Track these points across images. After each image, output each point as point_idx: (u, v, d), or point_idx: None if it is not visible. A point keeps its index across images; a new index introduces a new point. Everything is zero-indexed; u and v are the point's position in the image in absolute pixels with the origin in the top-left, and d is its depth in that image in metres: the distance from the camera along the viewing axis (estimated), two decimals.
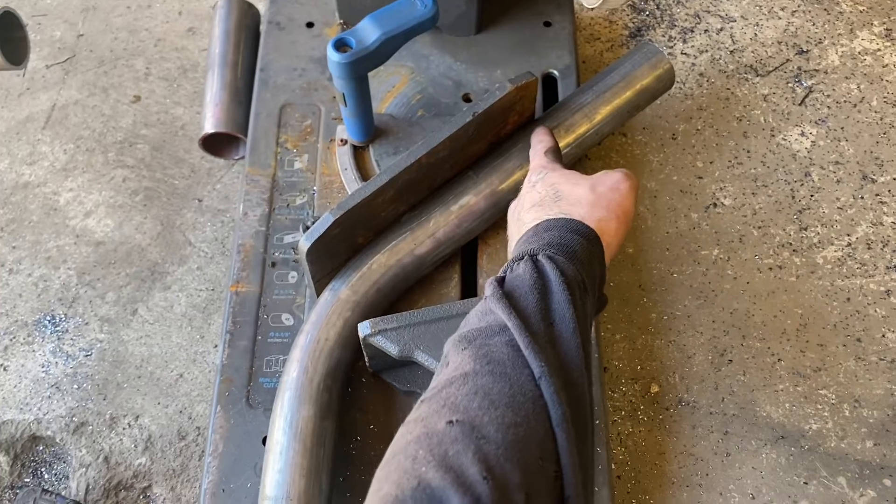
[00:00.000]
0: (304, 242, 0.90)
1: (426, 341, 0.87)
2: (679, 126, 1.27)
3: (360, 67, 0.96)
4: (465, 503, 0.46)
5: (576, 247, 0.69)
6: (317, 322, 0.93)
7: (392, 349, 0.86)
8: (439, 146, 0.95)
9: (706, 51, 1.34)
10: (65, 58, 1.35)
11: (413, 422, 0.55)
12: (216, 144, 1.22)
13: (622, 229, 0.75)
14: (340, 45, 0.95)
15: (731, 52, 1.34)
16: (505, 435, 0.52)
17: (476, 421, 0.52)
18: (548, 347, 0.59)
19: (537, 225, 0.73)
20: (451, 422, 0.52)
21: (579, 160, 1.10)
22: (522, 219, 0.78)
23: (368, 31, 0.95)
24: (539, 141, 0.93)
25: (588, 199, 0.75)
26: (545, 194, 0.78)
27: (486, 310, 0.63)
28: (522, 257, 0.67)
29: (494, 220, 1.02)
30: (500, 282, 0.66)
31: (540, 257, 0.67)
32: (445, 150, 0.97)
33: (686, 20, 1.38)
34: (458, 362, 0.59)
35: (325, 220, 0.90)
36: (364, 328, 0.86)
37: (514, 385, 0.56)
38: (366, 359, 0.92)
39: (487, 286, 0.66)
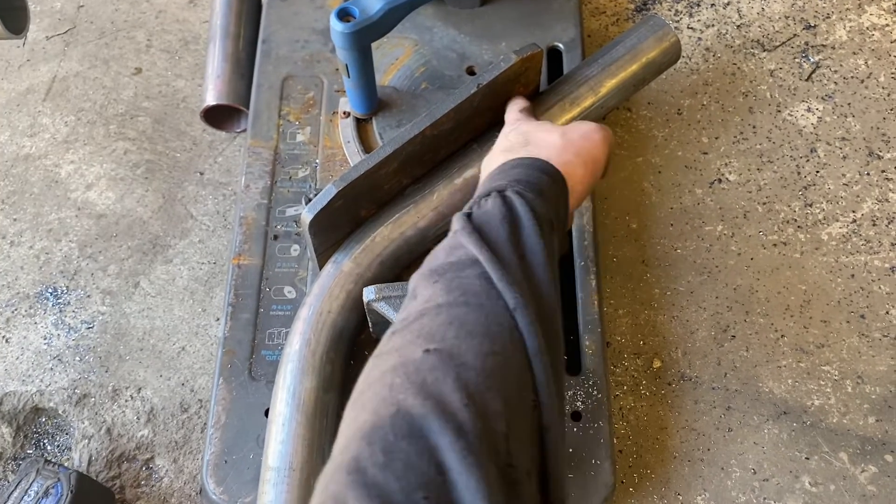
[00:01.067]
0: (307, 214, 0.89)
1: None
2: (684, 101, 1.26)
3: (364, 38, 0.95)
4: (447, 429, 0.45)
5: (542, 185, 0.69)
6: (319, 294, 0.93)
7: (394, 316, 0.86)
8: (443, 118, 0.94)
9: (712, 25, 1.33)
10: (65, 29, 1.34)
11: (386, 353, 0.54)
12: (218, 117, 1.21)
13: (589, 177, 0.76)
14: (344, 15, 0.94)
15: (738, 26, 1.33)
16: (484, 363, 0.51)
17: (454, 349, 0.51)
18: (521, 279, 0.59)
19: (504, 163, 0.74)
20: (427, 350, 0.51)
21: None
22: (491, 162, 0.79)
23: (372, 1, 0.94)
24: (514, 102, 0.95)
25: (557, 143, 0.76)
26: (515, 141, 0.79)
27: (456, 244, 0.63)
28: (490, 193, 0.67)
29: None
30: (468, 217, 0.65)
31: (508, 192, 0.67)
32: (450, 122, 0.96)
33: None
34: (429, 295, 0.58)
35: (328, 192, 0.90)
36: (369, 293, 0.85)
37: (490, 315, 0.55)
38: (369, 324, 0.91)
39: (455, 220, 0.66)
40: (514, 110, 0.91)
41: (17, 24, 1.00)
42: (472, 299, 0.56)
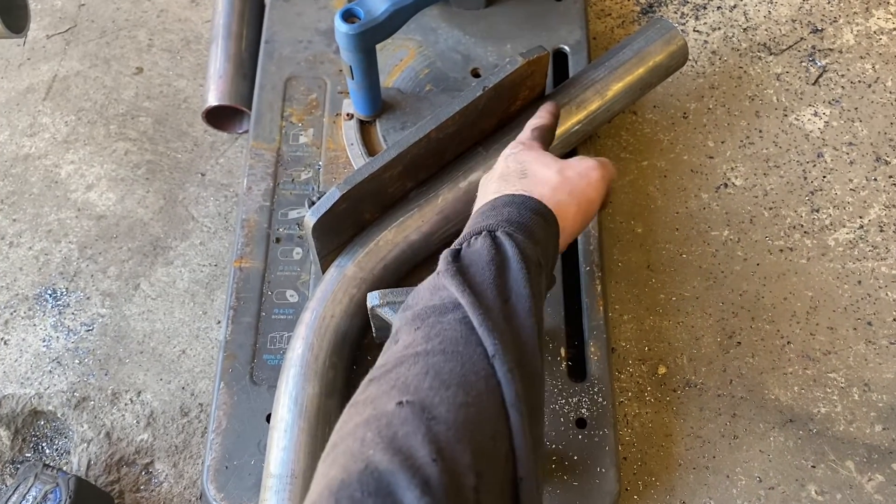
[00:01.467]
0: (310, 217, 0.88)
1: None
2: (690, 105, 1.25)
3: (368, 39, 0.94)
4: (413, 485, 0.45)
5: (533, 225, 0.68)
6: (322, 299, 0.91)
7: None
8: (449, 121, 0.93)
9: (719, 28, 1.32)
10: (66, 28, 1.32)
11: (361, 403, 0.54)
12: (220, 118, 1.20)
13: (581, 216, 0.74)
14: (348, 16, 0.93)
15: (745, 29, 1.32)
16: (456, 415, 0.50)
17: (427, 401, 0.51)
18: (502, 324, 0.58)
19: (496, 199, 0.73)
20: (401, 402, 0.51)
21: (590, 137, 1.08)
22: (487, 189, 0.77)
23: (377, 2, 0.93)
24: (537, 116, 0.91)
25: (553, 181, 0.74)
26: (513, 169, 0.77)
27: (439, 285, 0.62)
28: (481, 232, 0.66)
29: None
30: (456, 255, 0.65)
31: (499, 233, 0.66)
32: (455, 125, 0.95)
33: None
34: (410, 341, 0.58)
35: (332, 195, 0.88)
36: (373, 298, 0.84)
37: (467, 364, 0.55)
38: (373, 330, 0.90)
39: (441, 260, 0.65)
40: (528, 128, 0.87)
41: (17, 22, 0.99)
42: (449, 347, 0.56)
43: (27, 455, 1.05)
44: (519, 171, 0.76)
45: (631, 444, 1.02)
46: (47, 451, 1.05)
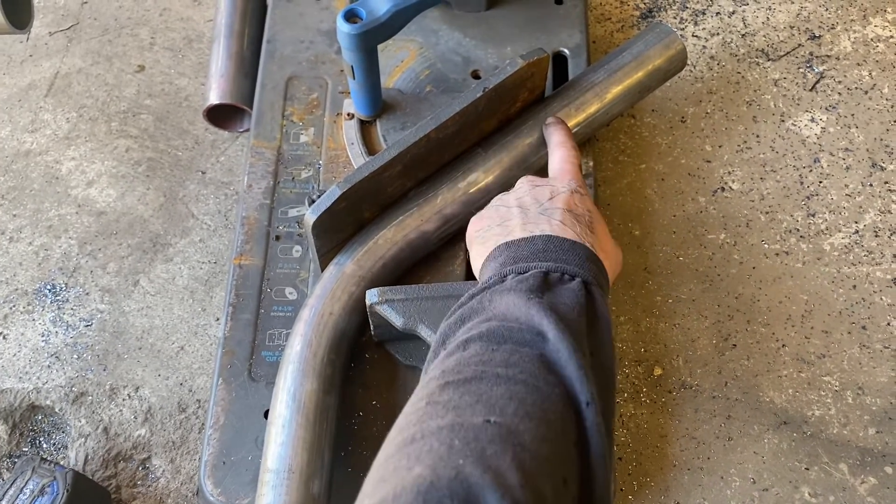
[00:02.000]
0: (310, 216, 0.89)
1: (431, 317, 0.86)
2: (688, 109, 1.26)
3: (370, 39, 0.95)
4: None
5: (606, 288, 0.69)
6: (321, 296, 0.92)
7: (397, 320, 0.85)
8: (449, 121, 0.94)
9: (717, 34, 1.33)
10: (68, 25, 1.33)
11: (441, 405, 0.54)
12: (221, 116, 1.20)
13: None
14: (350, 16, 0.93)
15: (743, 35, 1.33)
16: (539, 447, 0.51)
17: (513, 427, 0.51)
18: (592, 376, 0.59)
19: (576, 243, 0.69)
20: (488, 420, 0.51)
21: (588, 140, 1.09)
22: (552, 205, 0.74)
23: (379, 2, 0.94)
24: (567, 150, 0.89)
25: (612, 254, 0.74)
26: (581, 214, 0.74)
27: (521, 309, 0.61)
28: (574, 277, 0.65)
29: None
30: (541, 285, 0.63)
31: (593, 288, 0.65)
32: (455, 125, 0.95)
33: (698, 2, 1.36)
34: (487, 359, 0.58)
35: (332, 194, 0.89)
36: (372, 296, 0.85)
37: (546, 401, 0.55)
38: (371, 327, 0.91)
39: (518, 280, 0.64)
40: (576, 169, 0.84)
41: (20, 18, 1.00)
42: (530, 379, 0.56)
43: (24, 450, 1.05)
44: (588, 221, 0.73)
45: (626, 444, 1.03)
46: (44, 445, 1.05)
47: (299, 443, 0.83)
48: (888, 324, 1.09)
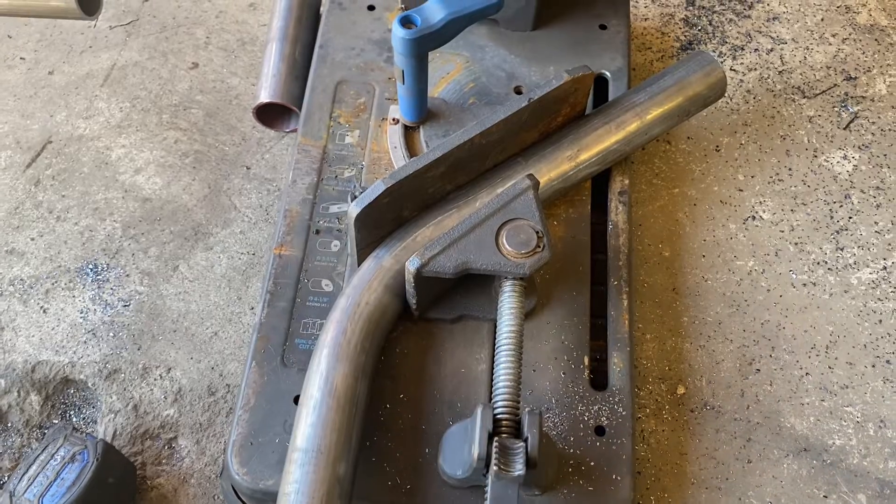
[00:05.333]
0: (354, 208, 0.92)
1: (473, 249, 0.91)
2: (723, 139, 1.28)
3: (423, 45, 0.99)
4: None
5: None
6: (358, 286, 0.95)
7: (448, 268, 0.90)
8: (493, 127, 0.97)
9: (755, 69, 1.36)
10: (128, 20, 1.38)
11: None
12: (269, 115, 1.24)
13: None
14: (406, 22, 0.97)
15: (780, 72, 1.36)
16: None
17: None
18: None
19: None
20: None
21: (625, 159, 1.11)
22: None
23: (434, 11, 0.98)
24: None
25: None
26: None
27: None
28: None
29: None
30: None
31: None
32: (498, 132, 0.99)
33: (737, 38, 1.40)
34: None
35: (377, 188, 0.92)
36: (413, 262, 0.89)
37: None
38: (412, 302, 0.94)
39: None
40: None
41: (91, 6, 1.05)
42: None
43: (54, 421, 1.08)
44: None
45: (646, 459, 1.03)
46: (74, 419, 1.08)
47: (329, 424, 0.85)
48: None
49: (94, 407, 1.08)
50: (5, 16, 1.05)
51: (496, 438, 0.79)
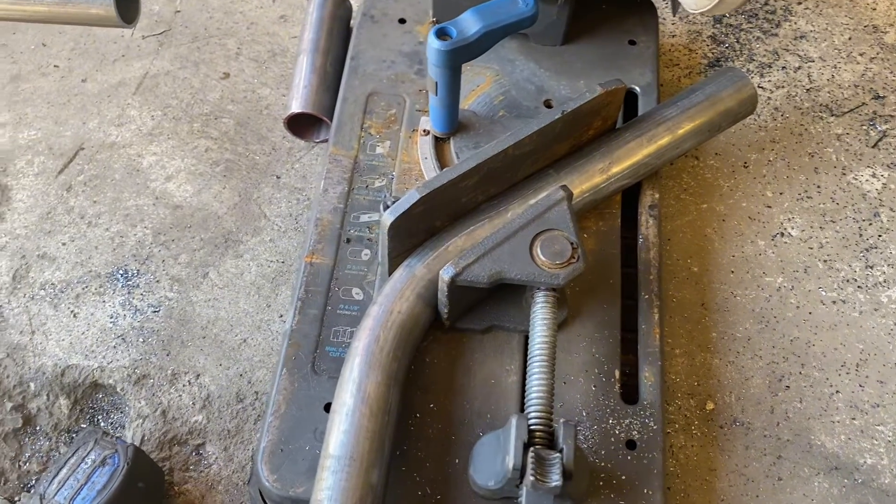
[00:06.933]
0: (388, 216, 0.92)
1: (507, 259, 0.92)
2: (751, 155, 1.28)
3: (458, 57, 0.99)
4: None
5: None
6: (391, 295, 0.95)
7: (482, 278, 0.90)
8: (527, 139, 0.97)
9: (782, 87, 1.36)
10: (161, 30, 1.40)
11: None
12: (300, 125, 1.25)
13: None
14: (441, 34, 0.98)
15: (808, 90, 1.36)
16: None
17: None
18: None
19: None
20: None
21: (655, 174, 1.12)
22: None
23: (469, 23, 0.99)
24: None
25: None
26: None
27: None
28: None
29: None
30: None
31: None
32: (532, 144, 0.99)
33: (765, 56, 1.40)
34: None
35: (411, 197, 0.93)
36: (448, 271, 0.89)
37: None
38: (444, 311, 0.94)
39: None
40: None
41: (129, 14, 1.06)
42: None
43: (82, 426, 1.08)
44: None
45: (675, 475, 1.03)
46: (102, 424, 1.08)
47: (362, 432, 0.85)
48: None
49: (122, 412, 1.08)
50: (45, 23, 1.06)
51: (531, 449, 0.78)
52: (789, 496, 1.01)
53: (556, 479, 0.76)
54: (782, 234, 1.21)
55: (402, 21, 1.27)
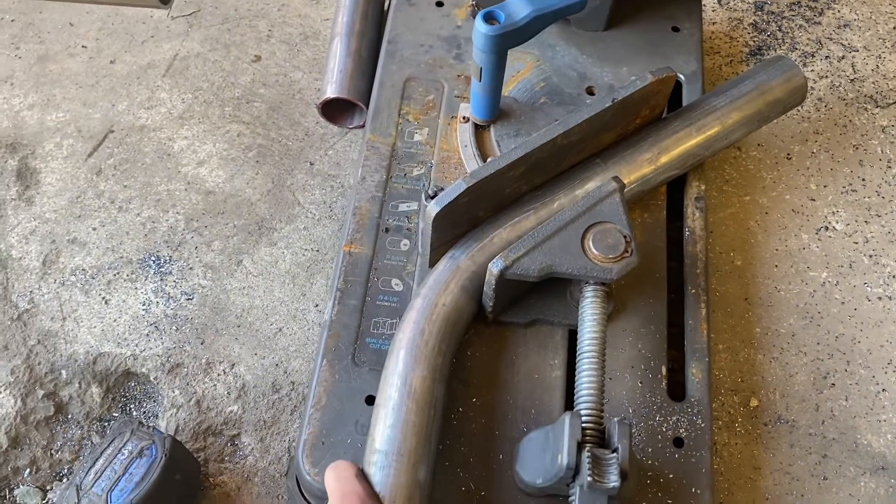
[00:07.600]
0: (434, 207, 0.90)
1: (558, 252, 0.89)
2: (794, 147, 1.25)
3: (505, 42, 0.96)
4: None
5: None
6: (434, 287, 0.93)
7: (532, 271, 0.88)
8: (576, 128, 0.95)
9: (826, 77, 1.33)
10: (190, 11, 1.37)
11: None
12: (334, 111, 1.23)
13: None
14: (489, 18, 0.95)
15: (852, 80, 1.33)
16: None
17: None
18: None
19: None
20: None
21: (701, 165, 1.09)
22: None
23: (518, 8, 0.96)
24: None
25: None
26: None
27: None
28: None
29: None
30: None
31: None
32: (580, 132, 0.96)
33: (808, 45, 1.37)
34: None
35: (458, 187, 0.90)
36: (497, 264, 0.87)
37: None
38: (489, 304, 0.92)
39: None
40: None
41: None
42: None
43: (115, 415, 1.06)
44: None
45: (719, 472, 1.01)
46: (134, 413, 1.06)
47: (409, 427, 0.83)
48: None
49: (154, 401, 1.06)
50: (86, 2, 1.04)
51: (587, 448, 0.76)
52: (835, 496, 0.99)
53: (613, 480, 0.74)
54: (826, 228, 1.18)
55: (439, 4, 1.24)
